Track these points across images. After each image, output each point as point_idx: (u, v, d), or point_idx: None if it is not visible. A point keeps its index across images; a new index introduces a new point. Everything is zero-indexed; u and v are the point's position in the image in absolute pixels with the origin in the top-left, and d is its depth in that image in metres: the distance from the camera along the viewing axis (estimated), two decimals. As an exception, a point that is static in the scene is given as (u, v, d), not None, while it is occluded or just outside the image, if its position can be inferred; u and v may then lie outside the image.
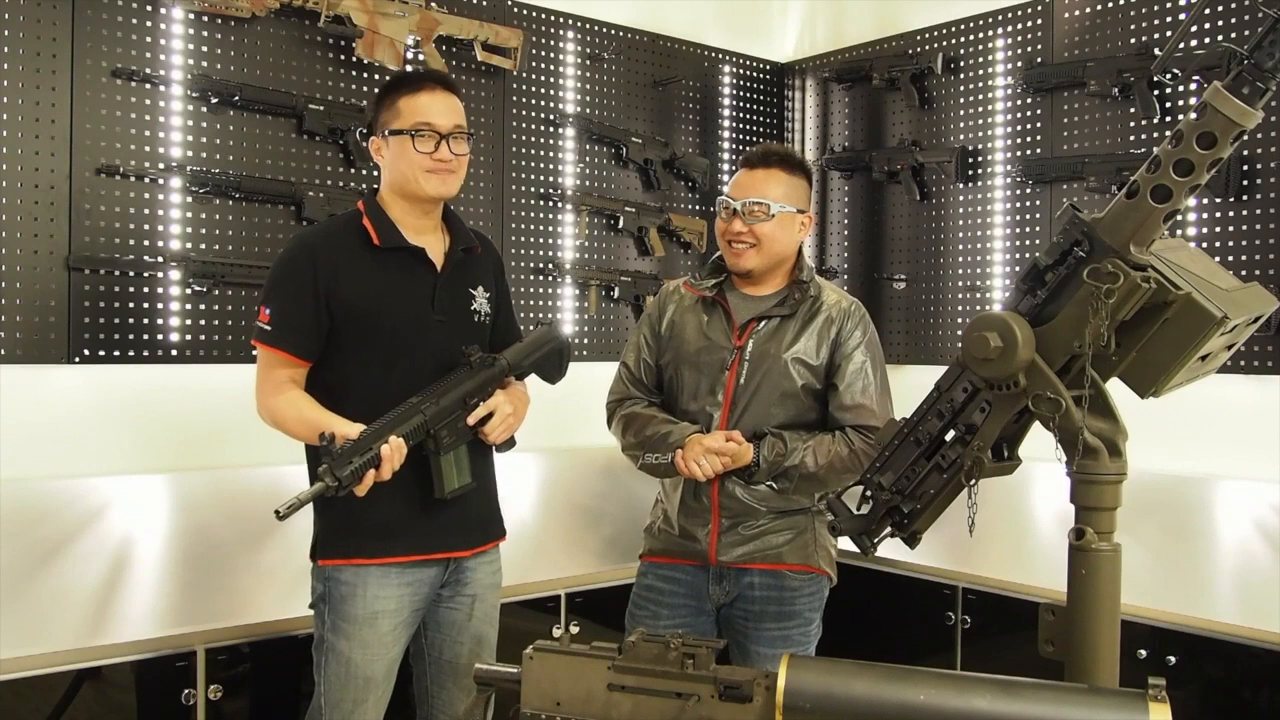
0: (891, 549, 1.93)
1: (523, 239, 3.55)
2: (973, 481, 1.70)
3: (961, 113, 3.72)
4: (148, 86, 2.83)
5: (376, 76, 3.21)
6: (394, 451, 1.94)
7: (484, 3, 3.43)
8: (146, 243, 2.83)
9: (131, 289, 2.81)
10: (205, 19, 2.92)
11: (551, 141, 3.62)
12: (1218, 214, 3.05)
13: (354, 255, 2.12)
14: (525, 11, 3.54)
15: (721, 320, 2.35)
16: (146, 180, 2.82)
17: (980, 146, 3.67)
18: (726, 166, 4.11)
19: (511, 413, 2.16)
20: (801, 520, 2.32)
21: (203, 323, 2.91)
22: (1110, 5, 3.29)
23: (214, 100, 2.90)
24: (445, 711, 2.22)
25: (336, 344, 2.11)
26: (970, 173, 3.69)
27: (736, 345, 2.31)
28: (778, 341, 2.29)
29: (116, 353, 2.79)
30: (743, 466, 2.25)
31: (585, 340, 3.68)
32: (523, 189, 3.55)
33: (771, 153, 2.35)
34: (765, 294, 2.36)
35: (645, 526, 2.47)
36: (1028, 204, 3.52)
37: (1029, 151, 3.51)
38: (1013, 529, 3.20)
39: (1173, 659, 2.59)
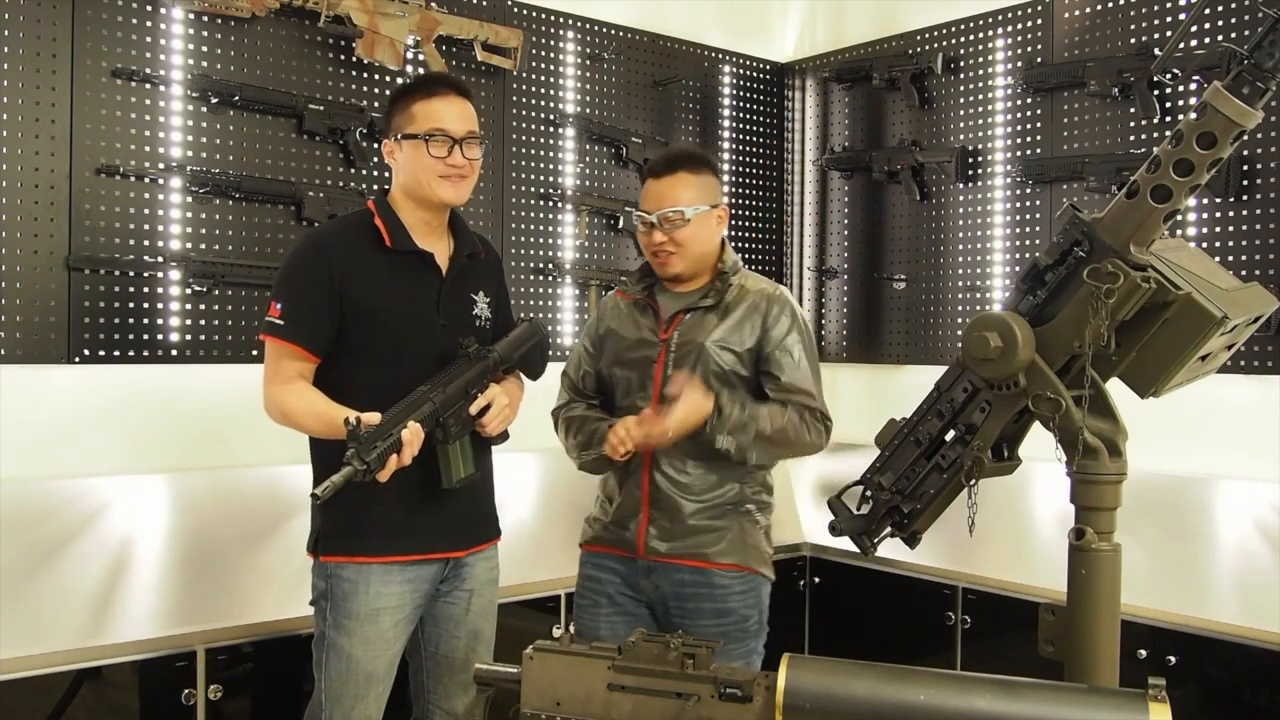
0: (891, 549, 1.93)
1: (523, 239, 3.55)
2: (973, 481, 1.70)
3: (961, 113, 3.72)
4: (148, 86, 2.83)
5: (376, 76, 3.21)
6: (413, 436, 1.96)
7: (484, 3, 3.43)
8: (146, 243, 2.83)
9: (131, 289, 2.81)
10: (205, 19, 2.92)
11: (551, 141, 3.62)
12: (1218, 214, 3.05)
13: (365, 255, 2.13)
14: (525, 11, 3.54)
15: (651, 317, 2.38)
16: (146, 180, 2.82)
17: (980, 146, 3.67)
18: (727, 166, 4.11)
19: (508, 404, 2.18)
20: (729, 519, 2.31)
21: (203, 323, 2.91)
22: (1110, 5, 3.29)
23: (214, 100, 2.90)
24: (441, 706, 2.23)
25: (343, 343, 2.12)
26: (970, 173, 3.69)
27: (663, 339, 2.33)
28: (702, 330, 2.31)
29: (116, 353, 2.79)
30: (704, 421, 2.20)
31: (585, 340, 3.68)
32: (523, 189, 3.56)
33: (674, 158, 2.36)
34: (692, 289, 2.39)
35: (586, 516, 2.48)
36: (1028, 204, 3.52)
37: (1029, 151, 3.51)
38: (1013, 529, 3.20)
39: (1173, 659, 2.59)
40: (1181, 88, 3.15)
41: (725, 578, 2.29)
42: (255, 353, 2.94)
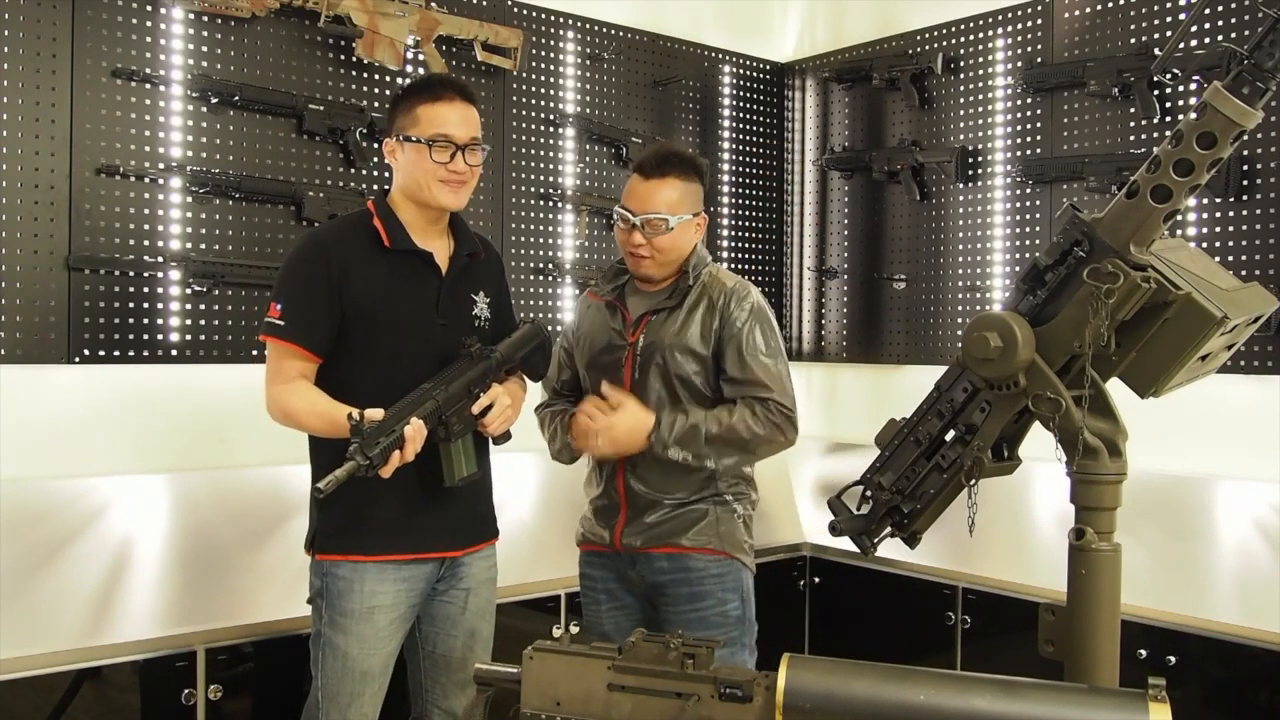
0: (891, 549, 1.93)
1: (523, 239, 3.55)
2: (973, 481, 1.70)
3: (961, 113, 3.72)
4: (148, 86, 2.83)
5: (377, 76, 3.21)
6: (416, 432, 1.97)
7: (484, 3, 3.43)
8: (146, 243, 2.83)
9: (131, 289, 2.81)
10: (205, 19, 2.91)
11: (551, 141, 3.62)
12: (1218, 214, 3.05)
13: (364, 255, 2.13)
14: (525, 11, 3.54)
15: (619, 319, 2.39)
16: (146, 180, 2.82)
17: (980, 146, 3.67)
18: (726, 166, 4.11)
19: (510, 404, 2.19)
20: (702, 507, 2.33)
21: (203, 323, 2.91)
22: (1110, 5, 3.29)
23: (214, 100, 2.90)
24: (439, 705, 2.23)
25: (343, 343, 2.12)
26: (970, 173, 3.69)
27: (630, 341, 2.35)
28: (666, 331, 2.32)
29: (116, 353, 2.79)
30: (646, 437, 2.24)
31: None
32: (523, 189, 3.56)
33: (665, 160, 2.34)
34: (660, 289, 2.39)
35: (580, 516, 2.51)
36: (1028, 204, 3.52)
37: (1029, 151, 3.51)
38: (1013, 529, 3.20)
39: (1173, 659, 2.59)
40: (1181, 88, 3.15)
41: (699, 561, 2.30)
42: (255, 353, 2.94)
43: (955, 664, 3.05)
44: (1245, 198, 2.99)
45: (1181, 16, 3.12)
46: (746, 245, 4.18)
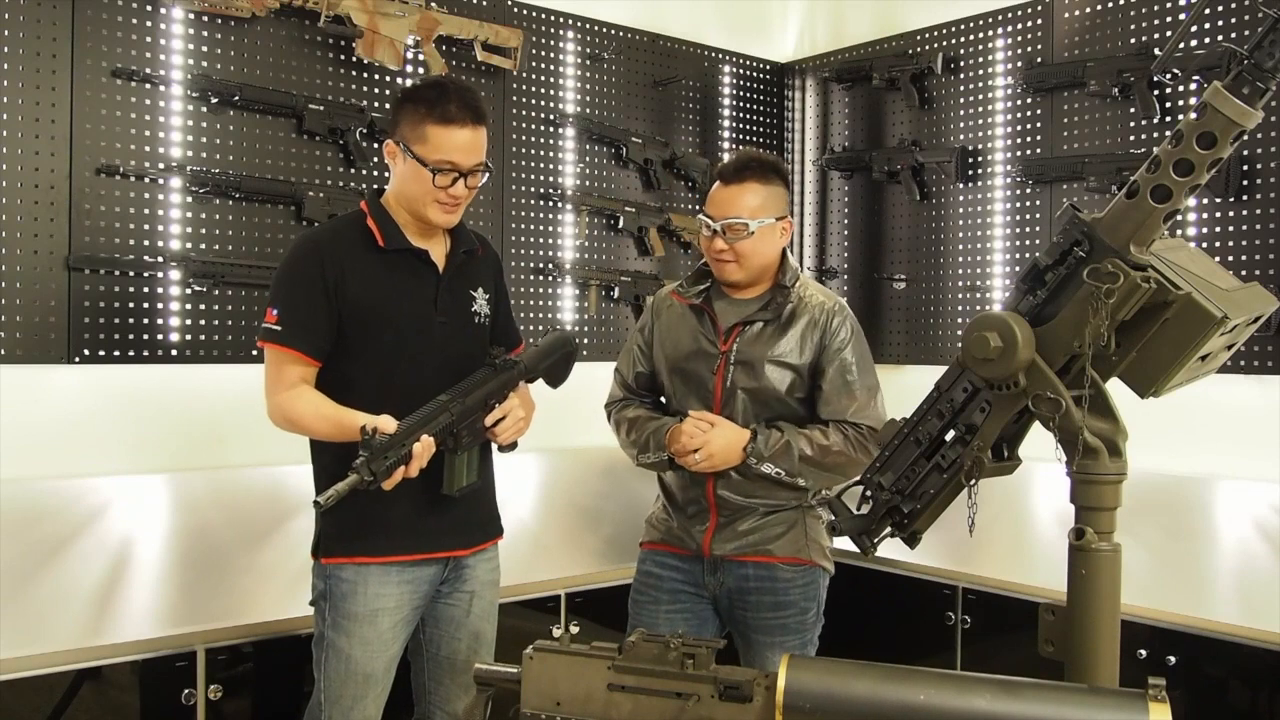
0: (891, 549, 1.93)
1: (523, 239, 3.55)
2: (973, 481, 1.70)
3: (961, 113, 3.72)
4: (148, 86, 2.83)
5: (376, 76, 3.21)
6: (424, 450, 1.96)
7: (484, 3, 3.43)
8: (146, 243, 2.83)
9: (131, 289, 2.81)
10: (205, 19, 2.92)
11: (551, 141, 3.62)
12: (1218, 214, 3.04)
13: (359, 255, 2.12)
14: (525, 11, 3.54)
15: (709, 326, 2.38)
16: (146, 180, 2.82)
17: (980, 146, 3.67)
18: (726, 166, 4.11)
19: (524, 417, 2.18)
20: (792, 515, 2.36)
21: (203, 323, 2.91)
22: (1110, 5, 3.29)
23: (214, 100, 2.90)
24: (443, 708, 2.23)
25: (341, 344, 2.11)
26: (970, 173, 3.68)
27: (722, 350, 2.34)
28: (761, 345, 2.32)
29: (116, 353, 2.79)
30: (742, 454, 2.27)
31: (585, 340, 3.68)
32: (523, 189, 3.55)
33: (744, 165, 2.34)
34: (750, 297, 2.39)
35: (646, 517, 2.52)
36: (1028, 204, 3.52)
37: (1029, 151, 3.51)
38: (1013, 529, 3.20)
39: (1173, 659, 2.59)
40: (1181, 88, 3.15)
41: (788, 571, 2.33)
42: (255, 353, 2.94)
43: (955, 664, 3.05)
44: (1245, 198, 2.99)
45: (1181, 16, 3.12)
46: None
